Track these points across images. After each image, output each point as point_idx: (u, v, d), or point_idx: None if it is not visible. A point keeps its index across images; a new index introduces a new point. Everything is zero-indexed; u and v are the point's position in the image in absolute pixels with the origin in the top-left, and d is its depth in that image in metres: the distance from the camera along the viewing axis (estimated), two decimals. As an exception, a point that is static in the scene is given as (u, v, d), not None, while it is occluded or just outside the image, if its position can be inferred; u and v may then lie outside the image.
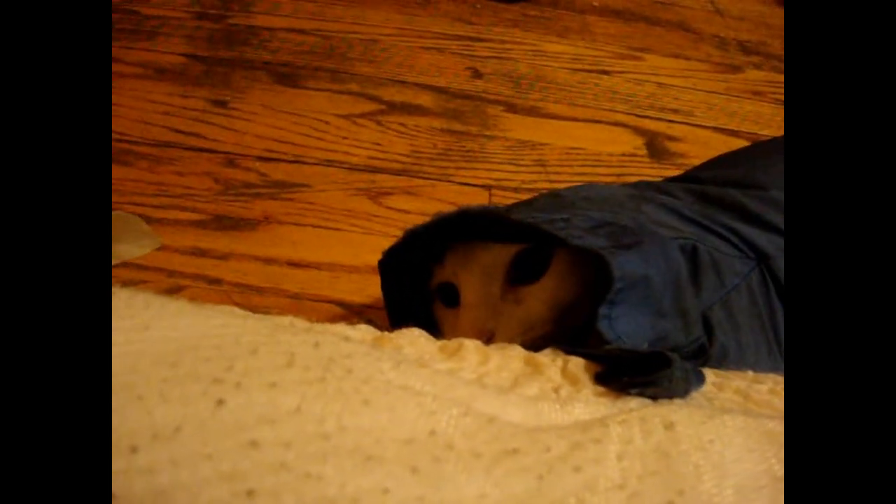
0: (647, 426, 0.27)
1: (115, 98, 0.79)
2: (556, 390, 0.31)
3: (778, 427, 0.31)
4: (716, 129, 0.89)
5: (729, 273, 0.47)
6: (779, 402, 0.37)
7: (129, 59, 0.84)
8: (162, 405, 0.23)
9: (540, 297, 0.43)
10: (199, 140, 0.76)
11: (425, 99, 0.84)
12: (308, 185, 0.73)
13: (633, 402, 0.30)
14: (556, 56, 0.95)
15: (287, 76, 0.85)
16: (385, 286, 0.49)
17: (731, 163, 0.63)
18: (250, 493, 0.21)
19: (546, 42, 0.97)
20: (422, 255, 0.47)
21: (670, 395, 0.31)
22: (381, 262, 0.48)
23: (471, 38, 0.95)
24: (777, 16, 1.15)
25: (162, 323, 0.27)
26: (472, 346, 0.35)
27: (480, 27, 0.97)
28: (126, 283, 0.59)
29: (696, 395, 0.34)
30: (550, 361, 0.35)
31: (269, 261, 0.66)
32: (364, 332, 0.34)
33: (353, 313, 0.63)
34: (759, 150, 0.66)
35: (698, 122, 0.90)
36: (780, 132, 0.90)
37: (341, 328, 0.34)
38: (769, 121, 0.93)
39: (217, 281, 0.64)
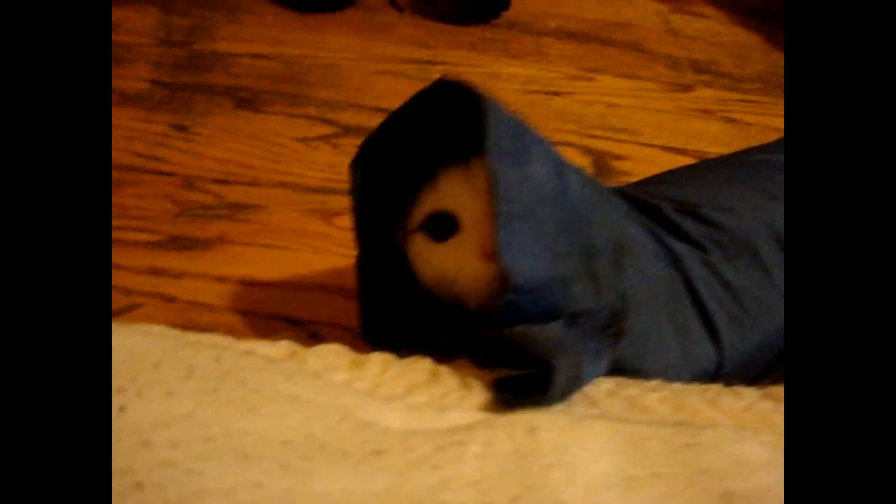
0: (511, 430, 0.31)
1: (81, 123, 0.83)
2: (444, 397, 0.36)
3: (643, 431, 0.35)
4: (663, 147, 0.93)
5: (647, 268, 0.51)
6: (665, 409, 0.41)
7: (95, 85, 0.88)
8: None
9: None
10: (159, 164, 0.80)
11: (380, 121, 0.88)
12: (262, 206, 0.77)
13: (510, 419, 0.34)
14: (509, 78, 0.99)
15: (247, 100, 0.89)
16: (356, 201, 0.47)
17: (672, 181, 0.67)
18: (139, 485, 0.25)
19: (501, 64, 1.02)
20: (405, 180, 0.46)
21: (547, 405, 0.35)
22: (354, 162, 0.47)
23: (428, 62, 0.99)
24: (730, 34, 1.20)
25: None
26: (377, 358, 0.39)
27: (438, 50, 1.02)
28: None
29: (578, 400, 0.38)
30: (454, 371, 0.40)
31: (222, 279, 0.70)
32: (282, 348, 0.39)
33: (301, 329, 0.67)
34: (700, 170, 0.70)
35: (645, 141, 0.94)
36: (727, 150, 0.94)
37: (258, 344, 0.38)
38: (715, 139, 0.97)
39: (172, 299, 0.68)
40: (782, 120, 1.03)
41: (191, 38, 0.97)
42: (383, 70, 0.97)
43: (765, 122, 1.02)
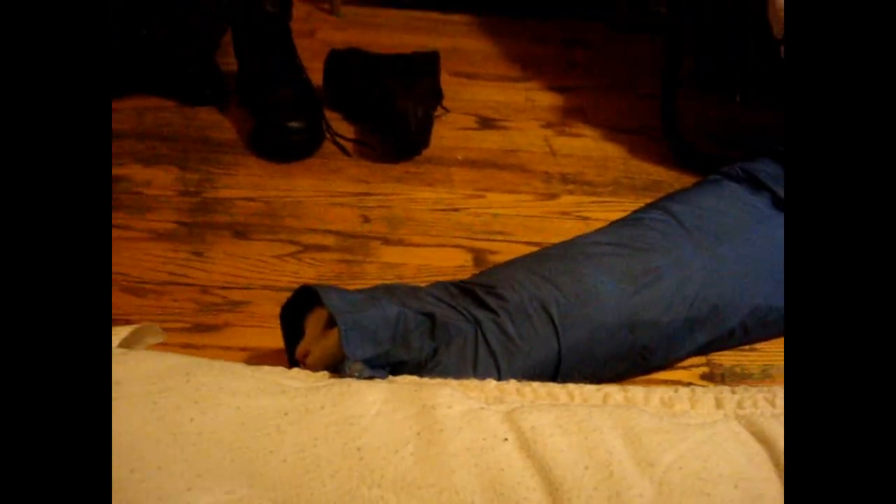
0: (341, 387, 0.84)
1: (131, 253, 1.39)
2: (324, 379, 0.89)
3: (398, 387, 0.88)
4: (525, 242, 1.47)
5: (455, 330, 1.05)
6: (440, 388, 0.94)
7: (137, 227, 1.44)
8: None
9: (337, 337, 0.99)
10: (184, 278, 1.35)
11: (330, 240, 1.44)
12: (252, 301, 1.31)
13: (341, 383, 0.87)
14: (422, 201, 1.54)
15: (241, 232, 1.44)
16: (283, 327, 1.08)
17: (489, 273, 1.21)
18: (154, 402, 0.79)
19: (418, 191, 1.57)
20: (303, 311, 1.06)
21: (356, 378, 0.88)
22: (280, 315, 1.07)
23: (365, 194, 1.55)
24: (598, 148, 1.74)
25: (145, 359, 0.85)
26: (299, 368, 0.93)
27: (373, 184, 1.57)
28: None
29: (378, 380, 0.91)
30: (327, 375, 0.93)
31: (227, 348, 1.24)
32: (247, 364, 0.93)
33: (276, 374, 1.20)
34: (504, 265, 1.23)
35: (514, 239, 1.48)
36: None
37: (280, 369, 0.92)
38: (568, 233, 1.50)
39: (197, 362, 1.22)
40: (621, 213, 1.56)
41: (200, 188, 1.54)
42: (334, 202, 1.52)
43: (608, 217, 1.53)
